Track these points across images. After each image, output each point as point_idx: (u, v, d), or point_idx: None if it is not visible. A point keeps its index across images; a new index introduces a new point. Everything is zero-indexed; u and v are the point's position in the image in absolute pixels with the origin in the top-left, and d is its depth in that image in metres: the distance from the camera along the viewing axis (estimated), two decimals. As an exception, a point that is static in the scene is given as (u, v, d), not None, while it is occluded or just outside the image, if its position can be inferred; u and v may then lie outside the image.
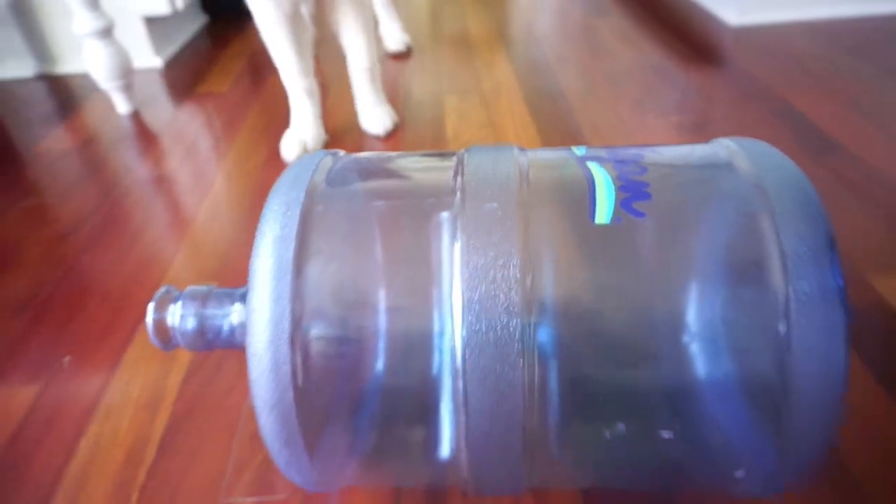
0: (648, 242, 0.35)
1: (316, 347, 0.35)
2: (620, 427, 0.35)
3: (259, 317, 0.34)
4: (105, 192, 0.90)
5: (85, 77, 1.31)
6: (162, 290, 0.41)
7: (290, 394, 0.34)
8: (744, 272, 0.34)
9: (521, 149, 0.41)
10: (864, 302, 0.62)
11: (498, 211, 0.35)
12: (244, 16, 1.63)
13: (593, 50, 1.27)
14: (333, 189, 0.39)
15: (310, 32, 1.09)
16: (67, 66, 1.34)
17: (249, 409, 0.56)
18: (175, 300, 0.40)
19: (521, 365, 0.33)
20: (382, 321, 0.35)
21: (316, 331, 0.35)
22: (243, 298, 0.40)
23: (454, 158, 0.40)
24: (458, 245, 0.34)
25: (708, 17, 1.39)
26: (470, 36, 1.40)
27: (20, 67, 1.33)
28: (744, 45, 1.23)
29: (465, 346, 0.33)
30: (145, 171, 0.95)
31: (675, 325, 0.33)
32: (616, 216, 0.34)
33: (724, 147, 0.40)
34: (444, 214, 0.36)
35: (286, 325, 0.34)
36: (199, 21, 1.58)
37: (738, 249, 0.34)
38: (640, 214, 0.34)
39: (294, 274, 0.35)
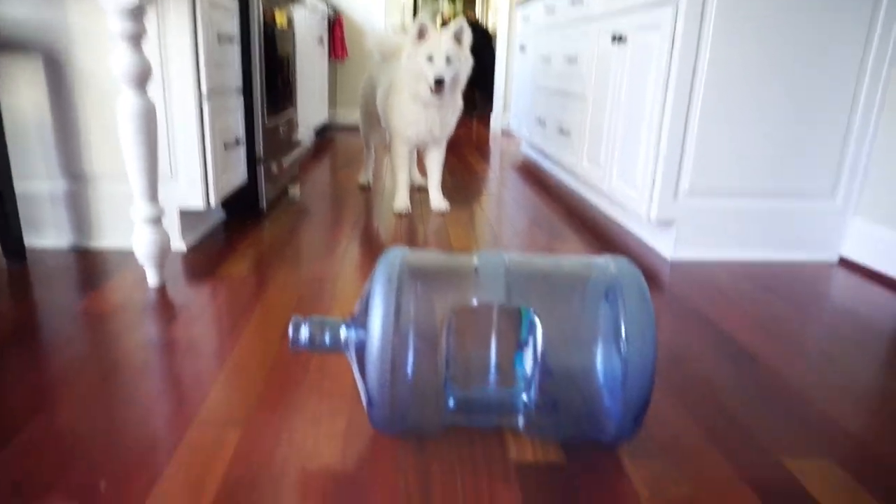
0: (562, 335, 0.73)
1: (401, 358, 0.70)
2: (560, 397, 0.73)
3: (374, 334, 0.70)
4: (138, 349, 1.03)
5: (115, 252, 1.49)
6: (294, 317, 0.78)
7: (388, 374, 0.70)
8: (612, 325, 0.71)
9: (505, 252, 0.84)
10: (779, 479, 0.76)
11: (494, 282, 0.74)
12: (258, 215, 1.88)
13: (556, 268, 1.52)
14: (411, 267, 0.75)
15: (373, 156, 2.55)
16: (101, 242, 1.52)
17: (271, 532, 0.65)
18: (305, 322, 0.77)
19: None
20: (434, 348, 0.72)
21: (402, 349, 0.70)
22: (347, 325, 0.77)
23: (472, 256, 0.78)
24: (474, 302, 0.73)
25: (649, 250, 1.69)
26: (451, 249, 1.65)
27: (57, 239, 1.51)
28: (678, 275, 1.50)
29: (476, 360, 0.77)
30: (174, 335, 1.09)
31: (588, 353, 0.72)
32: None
33: (604, 259, 0.79)
34: (469, 284, 0.74)
35: (389, 338, 0.70)
36: (218, 216, 1.82)
37: (611, 313, 0.72)
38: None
39: (395, 311, 0.71)
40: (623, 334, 0.69)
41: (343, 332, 0.77)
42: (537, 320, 0.71)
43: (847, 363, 1.07)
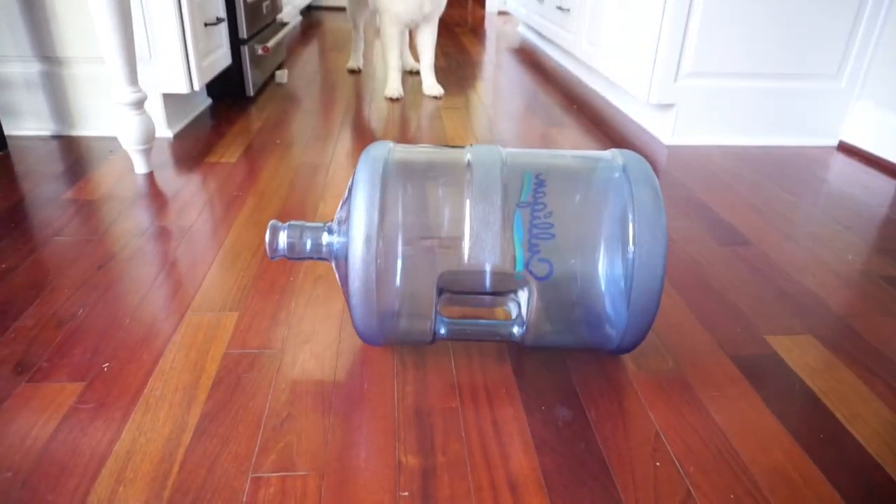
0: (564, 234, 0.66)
1: (388, 265, 0.64)
2: (561, 304, 0.67)
3: (357, 239, 0.63)
4: (131, 236, 1.03)
5: (98, 140, 1.45)
6: (271, 222, 0.70)
7: (373, 279, 0.64)
8: (617, 224, 0.65)
9: (501, 147, 0.72)
10: (761, 354, 0.79)
11: (488, 183, 0.66)
12: (245, 100, 1.82)
13: (551, 154, 1.49)
14: (397, 164, 0.67)
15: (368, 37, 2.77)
16: (83, 130, 1.48)
17: (273, 406, 0.68)
18: (283, 228, 0.70)
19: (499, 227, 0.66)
20: (427, 241, 0.65)
21: (389, 255, 0.64)
22: (329, 230, 0.70)
23: (465, 149, 0.70)
24: (467, 202, 0.65)
25: (647, 135, 1.65)
26: (447, 137, 1.61)
27: (39, 127, 1.47)
28: (675, 160, 1.48)
29: (470, 250, 0.65)
30: (166, 222, 1.08)
31: (591, 255, 0.65)
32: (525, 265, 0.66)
33: (611, 153, 0.72)
34: (462, 182, 0.66)
35: (373, 243, 0.63)
36: (204, 102, 1.76)
37: (616, 210, 0.65)
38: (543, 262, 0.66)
39: (380, 213, 0.63)
40: (631, 236, 0.63)
41: (325, 238, 0.70)
42: (542, 180, 0.66)
43: (838, 247, 1.08)
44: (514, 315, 0.73)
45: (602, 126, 1.73)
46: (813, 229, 1.14)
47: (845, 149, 1.59)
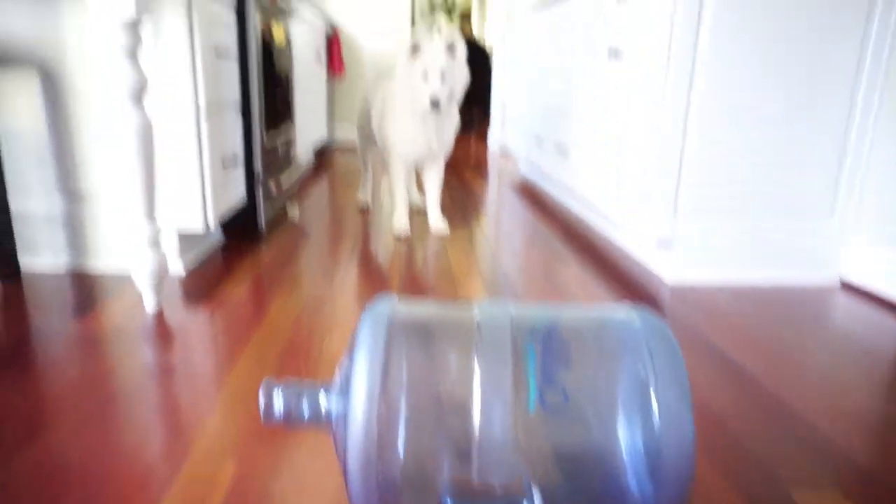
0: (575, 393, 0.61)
1: (390, 433, 0.57)
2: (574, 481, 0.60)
3: (357, 404, 0.57)
4: (135, 375, 1.01)
5: (111, 274, 1.48)
6: (264, 383, 0.63)
7: (374, 456, 0.57)
8: (636, 393, 0.59)
9: (510, 302, 0.67)
10: (785, 512, 0.75)
11: (499, 346, 0.61)
12: (256, 236, 1.87)
13: (555, 291, 1.51)
14: (401, 326, 0.62)
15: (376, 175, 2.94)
16: (97, 263, 1.51)
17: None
18: (278, 388, 0.63)
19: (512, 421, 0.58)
20: (432, 417, 0.59)
21: (392, 422, 0.57)
22: (327, 391, 0.63)
23: (473, 309, 0.65)
24: (476, 369, 0.59)
25: (649, 274, 1.68)
26: (451, 272, 1.64)
27: (53, 260, 1.50)
28: (678, 299, 1.49)
29: (482, 425, 0.58)
30: (171, 361, 1.07)
31: (609, 427, 0.59)
32: (538, 402, 0.60)
33: (626, 312, 0.66)
34: (471, 347, 0.60)
35: (374, 421, 0.57)
36: (216, 237, 1.81)
37: (634, 391, 0.59)
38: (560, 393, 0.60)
39: (381, 384, 0.57)
40: (654, 407, 0.58)
41: (323, 401, 0.64)
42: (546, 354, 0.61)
43: (852, 390, 1.06)
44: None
45: (604, 263, 1.77)
46: (827, 372, 1.12)
47: (848, 287, 1.60)
